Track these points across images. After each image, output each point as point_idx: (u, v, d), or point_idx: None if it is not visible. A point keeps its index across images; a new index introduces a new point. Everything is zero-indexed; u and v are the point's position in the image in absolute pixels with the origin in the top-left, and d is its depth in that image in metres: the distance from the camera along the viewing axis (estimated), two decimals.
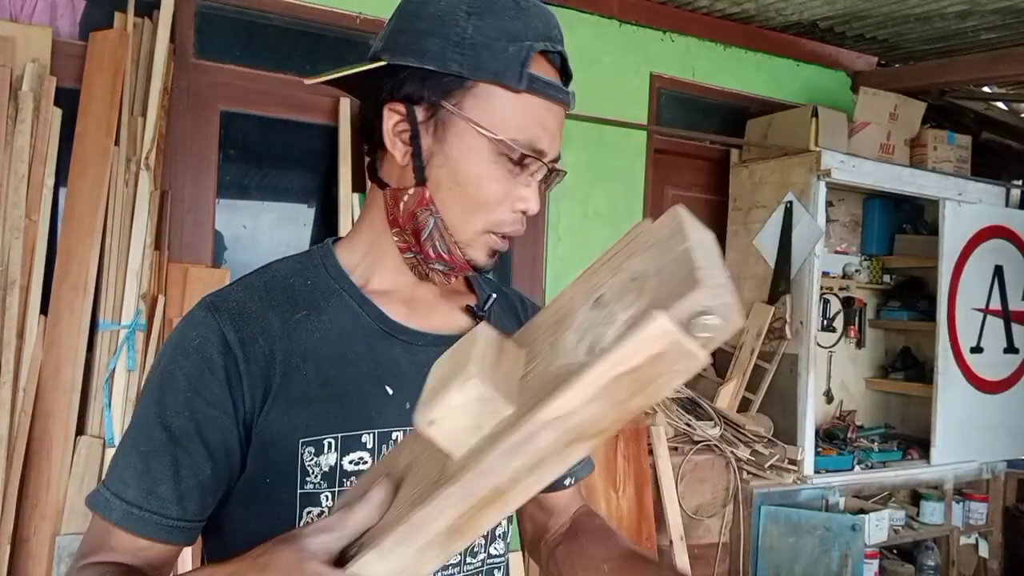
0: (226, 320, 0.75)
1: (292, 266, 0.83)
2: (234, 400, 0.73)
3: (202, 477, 0.73)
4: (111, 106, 2.27)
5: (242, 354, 0.74)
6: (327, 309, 0.79)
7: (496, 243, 0.79)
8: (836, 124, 3.24)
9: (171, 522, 0.72)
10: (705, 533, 2.92)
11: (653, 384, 0.45)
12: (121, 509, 0.72)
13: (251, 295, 0.78)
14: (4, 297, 2.13)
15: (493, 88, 0.74)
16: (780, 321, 3.20)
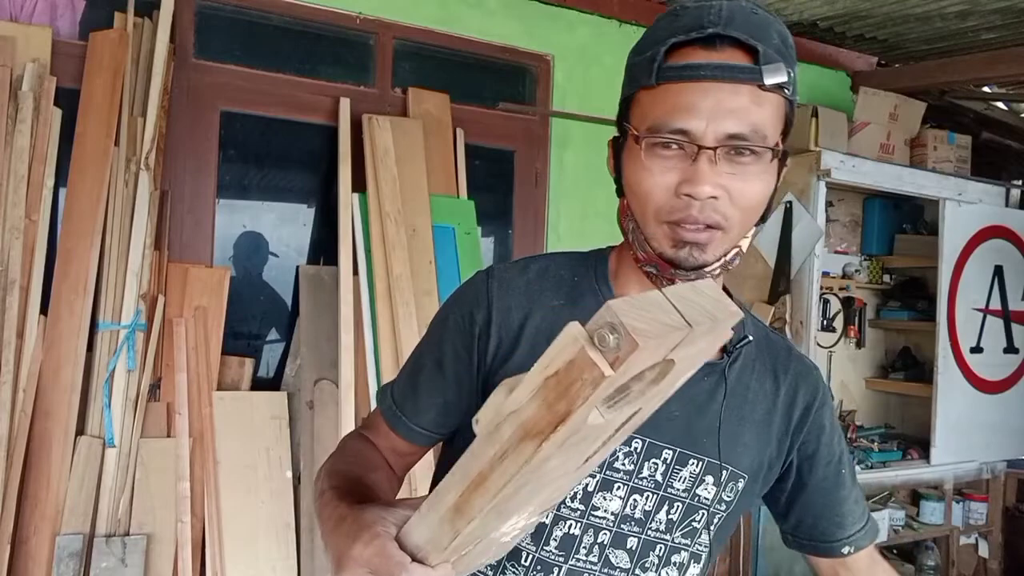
0: (495, 286, 0.88)
1: (568, 260, 0.93)
2: (478, 350, 0.87)
3: (444, 399, 0.89)
4: (111, 106, 2.27)
5: (496, 317, 0.86)
6: (581, 304, 0.87)
7: (678, 233, 0.79)
8: (836, 124, 3.25)
9: (414, 426, 0.91)
10: None
11: (571, 390, 0.48)
12: (388, 404, 0.93)
13: (524, 275, 0.90)
14: (4, 297, 2.13)
15: (640, 94, 0.81)
16: (780, 321, 3.20)
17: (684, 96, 0.76)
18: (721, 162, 0.77)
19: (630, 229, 0.86)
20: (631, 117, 0.82)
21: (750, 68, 0.76)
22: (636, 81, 0.81)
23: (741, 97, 0.76)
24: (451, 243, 2.71)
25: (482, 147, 2.98)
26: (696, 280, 0.68)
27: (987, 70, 3.45)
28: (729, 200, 0.78)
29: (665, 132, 0.77)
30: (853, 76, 3.81)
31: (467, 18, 2.92)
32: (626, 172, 0.83)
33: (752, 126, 0.76)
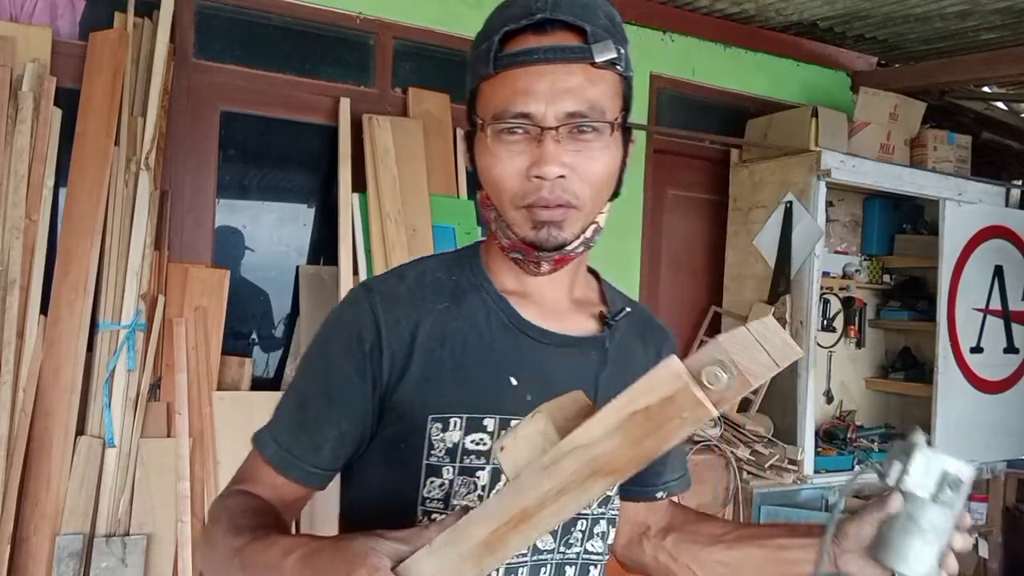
0: (377, 301, 0.85)
1: (443, 262, 0.92)
2: (373, 371, 0.83)
3: (339, 432, 0.84)
4: (111, 106, 2.27)
5: (386, 333, 0.83)
6: (465, 303, 0.87)
7: (536, 215, 0.81)
8: (836, 124, 3.24)
9: (307, 467, 0.84)
10: None
11: (664, 428, 0.47)
12: (273, 449, 0.85)
13: (403, 283, 0.88)
14: (4, 297, 2.13)
15: (482, 85, 0.84)
16: (780, 321, 3.20)
17: (521, 81, 0.79)
18: (565, 141, 0.79)
19: (493, 219, 0.86)
20: (477, 109, 0.85)
21: (580, 48, 0.79)
22: (477, 74, 0.84)
23: (575, 76, 0.79)
24: (451, 243, 2.71)
25: None
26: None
27: (987, 70, 3.45)
28: (577, 178, 0.80)
29: (508, 118, 0.79)
30: (853, 76, 3.81)
31: (467, 18, 2.91)
32: (479, 162, 0.85)
33: (589, 103, 0.79)
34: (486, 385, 0.84)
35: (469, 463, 0.83)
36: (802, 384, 3.16)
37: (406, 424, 0.83)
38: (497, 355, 0.85)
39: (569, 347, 0.88)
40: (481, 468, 0.83)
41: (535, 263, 0.86)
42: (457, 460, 0.83)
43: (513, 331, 0.87)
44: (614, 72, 0.82)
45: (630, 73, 0.85)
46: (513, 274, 0.90)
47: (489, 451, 0.84)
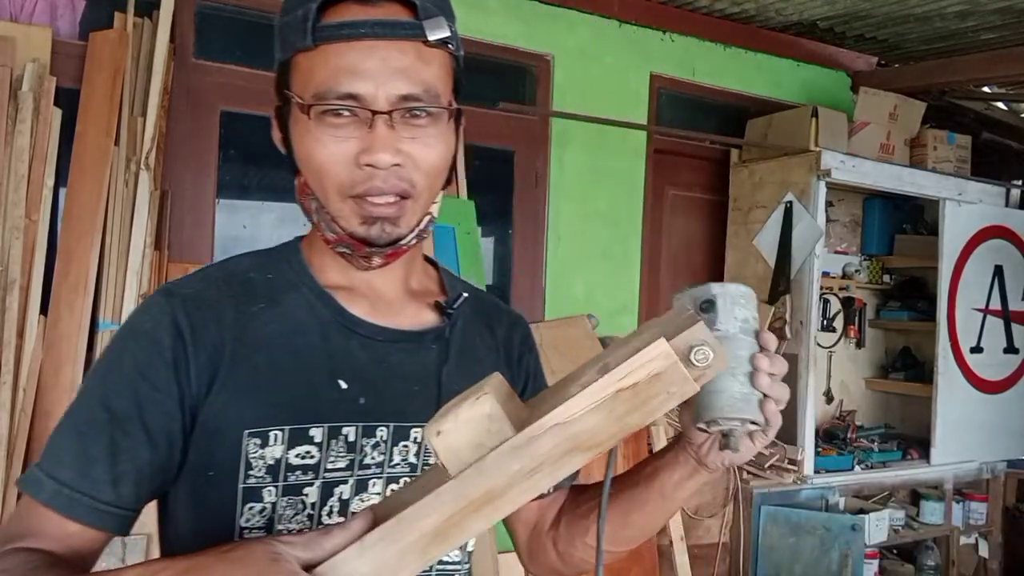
0: (179, 305, 0.74)
1: (256, 260, 0.82)
2: (180, 384, 0.72)
3: (139, 462, 0.71)
4: (111, 106, 2.27)
5: (191, 339, 0.73)
6: (284, 302, 0.78)
7: (366, 209, 0.73)
8: (836, 124, 3.24)
9: (102, 506, 0.69)
10: (705, 533, 2.92)
11: (649, 404, 0.49)
12: (52, 488, 0.69)
13: (208, 284, 0.77)
14: (4, 297, 2.13)
15: (297, 58, 0.74)
16: (780, 321, 3.20)
17: (347, 57, 0.71)
18: (399, 126, 0.72)
19: (313, 209, 0.77)
20: (292, 84, 0.75)
21: (411, 24, 0.72)
22: (290, 43, 0.74)
23: (407, 55, 0.72)
24: (451, 243, 2.71)
25: (482, 147, 2.98)
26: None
27: (987, 70, 3.45)
28: (413, 165, 0.73)
29: (333, 98, 0.71)
30: (853, 76, 3.81)
31: (467, 18, 2.91)
32: (297, 146, 0.76)
33: (424, 85, 0.72)
34: (310, 391, 0.75)
35: (295, 480, 0.74)
36: (802, 384, 3.16)
37: (217, 445, 0.72)
38: (322, 357, 0.76)
39: (407, 342, 0.81)
40: (308, 484, 0.74)
41: (365, 258, 0.78)
42: (280, 479, 0.73)
43: (340, 330, 0.78)
44: (446, 51, 0.76)
45: (461, 52, 0.79)
46: (339, 268, 0.81)
47: (317, 465, 0.75)
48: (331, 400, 0.76)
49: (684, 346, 0.49)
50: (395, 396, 0.79)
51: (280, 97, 0.78)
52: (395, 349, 0.80)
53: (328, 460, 0.75)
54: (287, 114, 0.77)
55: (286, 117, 0.78)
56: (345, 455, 0.76)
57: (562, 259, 3.15)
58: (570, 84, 3.16)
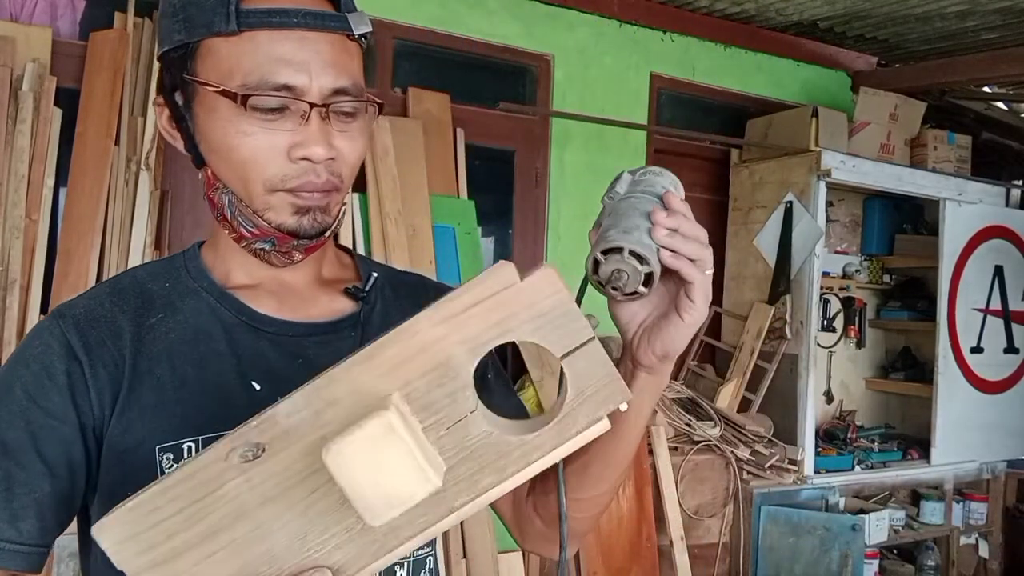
0: (70, 326, 0.71)
1: (151, 270, 0.79)
2: (78, 408, 0.69)
3: (39, 495, 0.67)
4: (111, 106, 2.27)
5: (87, 359, 0.69)
6: (183, 309, 0.75)
7: (299, 200, 0.71)
8: (836, 124, 3.24)
9: (3, 544, 0.66)
10: (705, 533, 2.92)
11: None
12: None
13: (99, 301, 0.74)
14: (4, 297, 2.13)
15: (212, 42, 0.69)
16: (780, 321, 3.20)
17: (279, 47, 0.68)
18: (332, 120, 0.71)
19: (225, 204, 0.73)
20: (198, 69, 0.70)
21: (337, 16, 0.71)
22: (202, 25, 0.69)
23: (335, 48, 0.71)
24: (451, 243, 2.71)
25: (482, 147, 2.98)
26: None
27: (987, 70, 3.45)
28: (343, 160, 0.73)
29: (267, 89, 0.68)
30: (853, 76, 3.81)
31: (467, 18, 2.92)
32: (209, 136, 0.71)
33: (351, 79, 0.72)
34: (222, 397, 0.72)
35: None
36: (802, 384, 3.16)
37: (129, 465, 0.69)
38: (231, 361, 0.73)
39: (321, 334, 0.78)
40: None
41: (286, 253, 0.75)
42: None
43: (247, 330, 0.75)
44: (358, 45, 0.75)
45: (367, 46, 0.78)
46: (244, 267, 0.78)
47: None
48: (245, 403, 0.71)
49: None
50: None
51: (178, 81, 0.72)
52: (309, 343, 0.77)
53: None
54: (190, 100, 0.72)
55: (188, 104, 0.73)
56: None
57: (562, 259, 3.15)
58: (570, 84, 3.16)
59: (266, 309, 0.77)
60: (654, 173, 0.72)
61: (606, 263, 0.65)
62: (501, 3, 2.99)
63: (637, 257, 0.64)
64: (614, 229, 0.65)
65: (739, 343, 3.33)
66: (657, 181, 0.71)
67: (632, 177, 0.73)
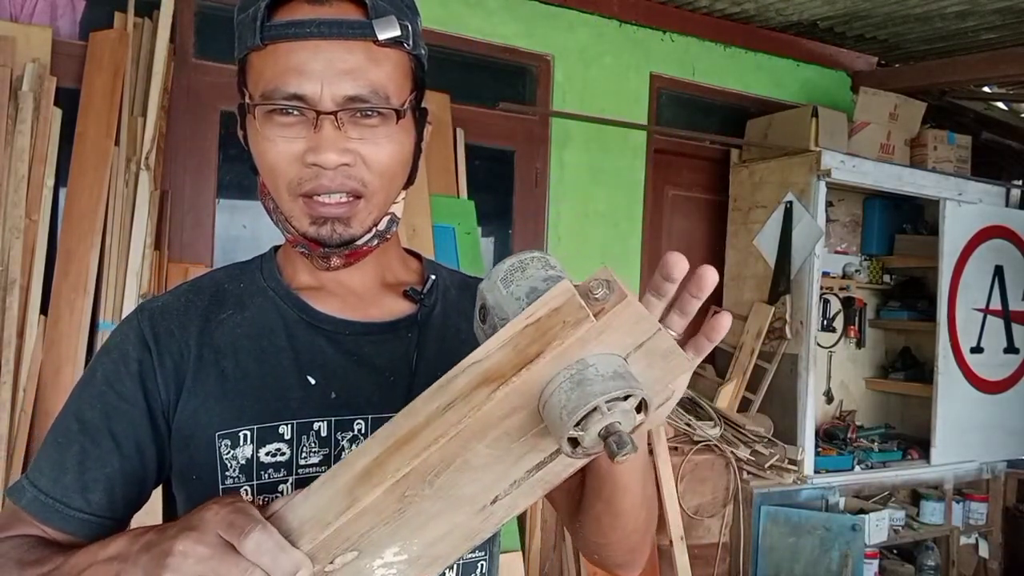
0: (146, 318, 0.78)
1: (230, 272, 0.84)
2: (147, 393, 0.75)
3: (110, 470, 0.74)
4: (111, 106, 2.27)
5: (156, 348, 0.76)
6: (251, 306, 0.80)
7: (315, 209, 0.73)
8: (836, 124, 3.24)
9: (73, 512, 0.73)
10: (705, 533, 2.92)
11: (547, 334, 0.51)
12: (31, 495, 0.74)
13: (177, 296, 0.80)
14: (4, 297, 2.13)
15: (250, 57, 0.73)
16: (780, 321, 3.20)
17: (293, 57, 0.70)
18: (347, 126, 0.71)
19: (271, 209, 0.79)
20: (248, 83, 0.74)
21: (360, 23, 0.70)
22: (244, 42, 0.73)
23: (356, 55, 0.70)
24: (451, 243, 2.71)
25: (482, 147, 2.98)
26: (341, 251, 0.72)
27: (987, 70, 3.45)
28: (364, 165, 0.73)
29: (279, 98, 0.70)
30: (853, 76, 3.81)
31: (467, 18, 2.92)
32: (251, 145, 0.76)
33: (371, 86, 0.71)
34: (278, 390, 0.76)
35: (268, 478, 0.74)
36: (802, 384, 3.16)
37: (194, 448, 0.75)
38: (290, 356, 0.77)
39: (378, 333, 0.80)
40: (283, 481, 0.75)
41: (324, 258, 0.78)
42: (254, 477, 0.74)
43: (306, 328, 0.79)
44: (400, 50, 0.73)
45: (420, 51, 0.77)
46: (307, 269, 0.82)
47: (289, 462, 0.75)
48: (299, 397, 0.76)
49: (584, 286, 0.52)
50: (368, 388, 0.78)
51: (241, 96, 0.77)
52: (365, 342, 0.79)
53: (300, 456, 0.76)
54: (244, 113, 0.77)
55: (243, 117, 0.77)
56: (318, 450, 0.76)
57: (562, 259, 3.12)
58: (570, 84, 3.16)
59: (327, 308, 0.80)
60: (518, 273, 0.58)
61: (588, 429, 0.51)
62: (501, 3, 2.99)
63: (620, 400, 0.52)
64: (573, 390, 0.51)
65: (739, 343, 3.33)
66: (536, 271, 0.58)
67: (494, 297, 0.57)
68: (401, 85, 0.74)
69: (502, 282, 0.57)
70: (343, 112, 0.71)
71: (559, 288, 0.52)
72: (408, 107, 0.75)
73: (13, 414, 2.11)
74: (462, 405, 0.52)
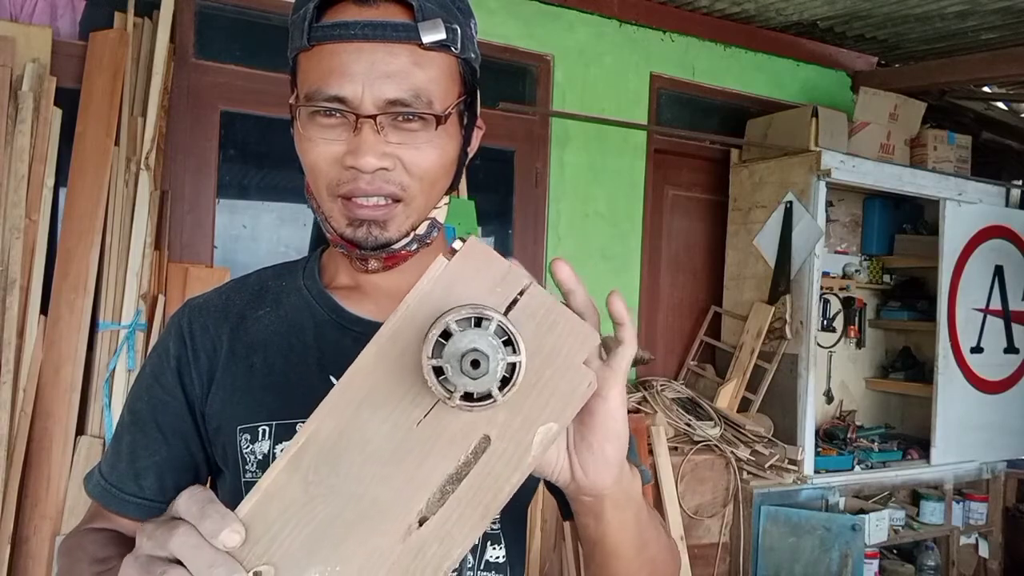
0: (186, 315, 0.81)
1: (278, 270, 0.86)
2: (184, 387, 0.78)
3: (158, 458, 0.78)
4: (111, 106, 2.27)
5: (191, 344, 0.79)
6: (286, 304, 0.82)
7: (352, 211, 0.73)
8: (836, 124, 3.24)
9: (127, 497, 0.77)
10: (705, 533, 2.92)
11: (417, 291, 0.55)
12: (95, 481, 0.80)
13: (219, 293, 0.83)
14: (4, 297, 2.13)
15: (299, 57, 0.74)
16: (780, 321, 3.20)
17: (336, 59, 0.69)
18: (387, 130, 0.70)
19: (315, 208, 0.78)
20: (297, 83, 0.75)
21: (405, 25, 0.69)
22: (294, 43, 0.74)
23: (399, 59, 0.69)
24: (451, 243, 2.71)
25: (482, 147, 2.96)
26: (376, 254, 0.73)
27: (987, 70, 3.45)
28: (403, 169, 0.72)
29: (320, 100, 0.70)
30: (853, 76, 3.81)
31: None
32: (296, 144, 0.76)
33: (414, 90, 0.70)
34: (301, 388, 0.76)
35: None
36: (802, 384, 3.16)
37: (221, 442, 0.78)
38: (316, 355, 0.78)
39: None
40: None
41: (361, 260, 0.78)
42: None
43: (335, 328, 0.79)
44: (448, 54, 0.72)
45: (470, 54, 0.75)
46: (347, 270, 0.82)
47: None
48: (320, 395, 0.73)
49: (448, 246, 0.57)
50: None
51: (293, 95, 0.78)
52: None
53: None
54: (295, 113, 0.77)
55: (294, 116, 0.78)
56: None
57: None
58: (570, 84, 3.16)
59: (360, 310, 0.80)
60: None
61: (445, 354, 0.48)
62: (501, 3, 2.99)
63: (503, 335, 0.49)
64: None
65: (739, 343, 3.33)
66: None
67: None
68: (447, 89, 0.73)
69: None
70: (383, 116, 0.70)
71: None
72: (452, 112, 0.73)
73: (13, 414, 2.11)
74: (350, 370, 0.54)
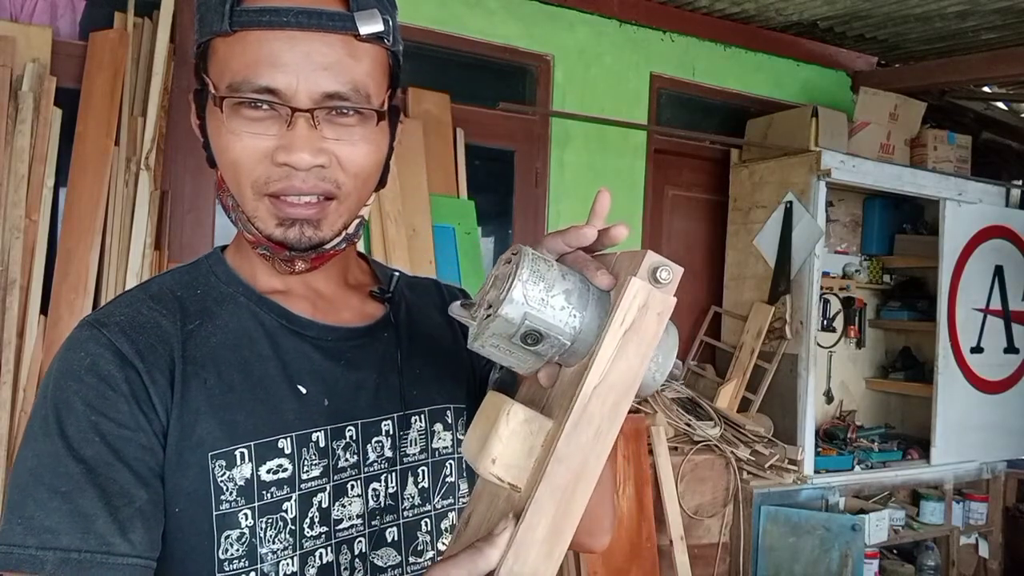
0: (116, 333, 0.67)
1: (178, 278, 0.76)
2: (146, 416, 0.66)
3: (139, 504, 0.64)
4: (111, 106, 2.27)
5: (143, 365, 0.67)
6: (221, 314, 0.73)
7: (283, 210, 0.68)
8: (836, 124, 3.24)
9: (121, 559, 0.62)
10: (705, 533, 2.92)
11: (647, 330, 0.55)
12: (55, 559, 0.60)
13: (137, 308, 0.71)
14: (4, 297, 2.13)
15: (214, 42, 0.67)
16: (780, 321, 3.20)
17: (267, 47, 0.64)
18: (323, 125, 0.66)
19: (230, 206, 0.72)
20: (209, 69, 0.68)
21: (341, 15, 0.66)
22: (208, 26, 0.67)
23: (335, 49, 0.66)
24: (451, 243, 2.71)
25: (482, 147, 2.98)
26: (308, 253, 0.70)
27: (987, 70, 3.45)
28: (338, 166, 0.68)
29: (248, 91, 0.65)
30: (853, 76, 3.81)
31: (467, 18, 2.92)
32: (211, 137, 0.69)
33: (352, 83, 0.66)
34: (270, 402, 0.71)
35: (270, 497, 0.69)
36: (802, 384, 3.16)
37: (182, 475, 0.67)
38: (277, 365, 0.72)
39: (359, 337, 0.78)
40: (287, 499, 0.70)
41: (287, 261, 0.73)
42: (255, 499, 0.68)
43: (289, 334, 0.74)
44: (381, 46, 0.69)
45: (398, 47, 0.72)
46: (268, 272, 0.76)
47: (292, 478, 0.70)
48: (294, 408, 0.72)
49: (646, 274, 0.55)
50: (358, 393, 0.77)
51: (199, 81, 0.71)
52: (348, 346, 0.77)
53: (303, 470, 0.71)
54: (203, 100, 0.70)
55: (202, 104, 0.71)
56: (318, 462, 0.73)
57: None
58: (570, 84, 3.16)
59: (303, 313, 0.76)
60: (537, 275, 0.57)
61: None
62: (501, 3, 2.99)
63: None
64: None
65: (739, 343, 3.33)
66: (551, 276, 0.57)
67: (551, 310, 0.56)
68: (380, 83, 0.70)
69: (539, 303, 0.55)
70: (319, 110, 0.66)
71: (634, 288, 0.55)
72: (385, 107, 0.71)
73: (13, 414, 2.11)
74: (609, 423, 0.55)
